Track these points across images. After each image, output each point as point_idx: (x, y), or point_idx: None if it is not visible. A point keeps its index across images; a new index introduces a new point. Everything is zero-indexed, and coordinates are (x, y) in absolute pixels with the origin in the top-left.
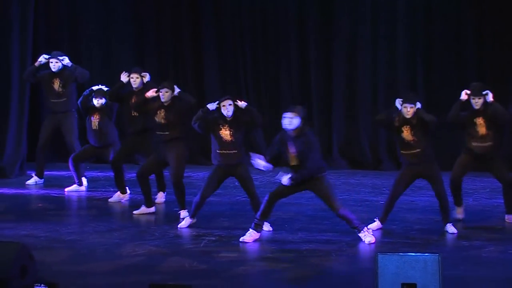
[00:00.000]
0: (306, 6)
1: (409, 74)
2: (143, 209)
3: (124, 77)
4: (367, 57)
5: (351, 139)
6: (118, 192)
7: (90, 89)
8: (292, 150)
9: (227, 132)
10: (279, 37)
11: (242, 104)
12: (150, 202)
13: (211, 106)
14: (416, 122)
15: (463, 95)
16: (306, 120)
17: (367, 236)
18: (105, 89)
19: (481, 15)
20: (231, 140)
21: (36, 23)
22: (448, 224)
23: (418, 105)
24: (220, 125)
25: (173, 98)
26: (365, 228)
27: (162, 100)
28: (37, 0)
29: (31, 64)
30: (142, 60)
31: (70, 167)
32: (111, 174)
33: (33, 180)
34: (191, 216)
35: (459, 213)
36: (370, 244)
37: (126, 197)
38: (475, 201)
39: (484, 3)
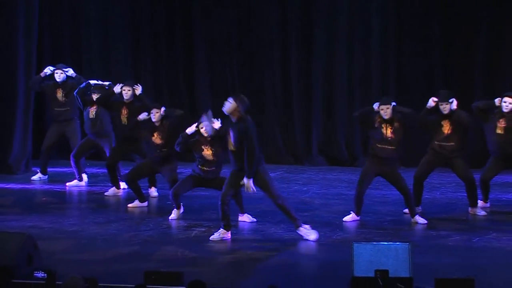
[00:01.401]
0: (288, 18)
1: (382, 80)
2: (137, 203)
3: (117, 88)
4: (343, 65)
5: (329, 138)
6: (114, 188)
7: (87, 82)
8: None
9: (209, 152)
10: (263, 47)
11: (216, 124)
12: (143, 198)
13: (190, 130)
14: (396, 123)
15: (431, 102)
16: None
17: (309, 232)
18: (107, 83)
19: (447, 26)
20: (213, 159)
21: (40, 33)
22: (416, 216)
23: (393, 103)
24: (202, 146)
25: (162, 117)
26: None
27: (153, 120)
28: (42, 12)
29: (36, 71)
30: (138, 68)
31: (72, 163)
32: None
33: (38, 176)
34: (176, 208)
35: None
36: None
37: (120, 192)
38: (442, 195)
39: (450, 16)
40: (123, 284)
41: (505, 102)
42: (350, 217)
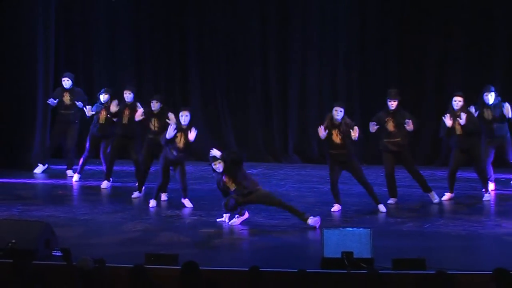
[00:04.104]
0: (267, 37)
1: (347, 91)
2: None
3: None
4: (315, 76)
5: (302, 140)
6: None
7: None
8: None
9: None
10: (246, 63)
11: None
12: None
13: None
14: (343, 127)
15: (372, 128)
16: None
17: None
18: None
19: (402, 44)
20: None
21: (56, 44)
22: (379, 205)
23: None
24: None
25: (161, 107)
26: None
27: (153, 109)
28: (58, 26)
29: (53, 78)
30: (139, 76)
31: (103, 163)
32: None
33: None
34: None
35: (391, 202)
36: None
37: (108, 184)
38: (398, 187)
39: (405, 28)
40: (127, 265)
41: (455, 101)
42: (336, 208)
